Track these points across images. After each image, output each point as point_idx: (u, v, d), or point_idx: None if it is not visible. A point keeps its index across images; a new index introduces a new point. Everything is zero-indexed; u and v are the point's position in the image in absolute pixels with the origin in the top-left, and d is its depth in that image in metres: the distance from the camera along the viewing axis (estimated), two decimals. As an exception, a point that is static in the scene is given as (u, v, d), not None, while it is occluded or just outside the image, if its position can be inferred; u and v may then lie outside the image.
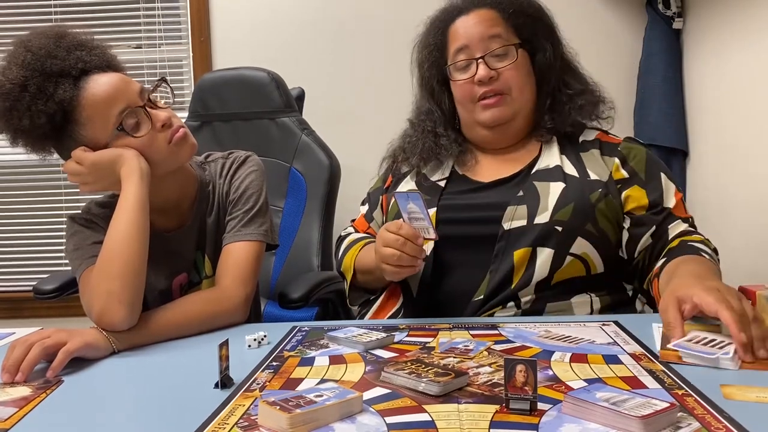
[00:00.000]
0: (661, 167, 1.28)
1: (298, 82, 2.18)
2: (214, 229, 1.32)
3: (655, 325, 1.07)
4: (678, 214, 1.24)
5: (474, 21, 1.29)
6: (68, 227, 1.26)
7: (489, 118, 1.28)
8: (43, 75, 1.12)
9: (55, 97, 1.12)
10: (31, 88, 1.12)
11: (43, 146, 1.20)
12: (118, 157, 1.16)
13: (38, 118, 1.12)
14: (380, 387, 0.84)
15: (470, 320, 1.17)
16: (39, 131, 1.15)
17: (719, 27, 2.03)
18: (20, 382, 0.94)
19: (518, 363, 0.75)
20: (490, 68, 1.26)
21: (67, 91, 1.13)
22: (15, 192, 2.64)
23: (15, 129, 1.15)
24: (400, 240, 1.10)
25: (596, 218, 1.20)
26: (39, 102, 1.12)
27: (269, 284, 2.00)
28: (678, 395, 0.77)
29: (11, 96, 1.12)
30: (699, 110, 2.18)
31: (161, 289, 1.28)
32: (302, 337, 1.09)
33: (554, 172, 1.24)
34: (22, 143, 1.18)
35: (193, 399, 0.84)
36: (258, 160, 1.37)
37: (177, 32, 2.56)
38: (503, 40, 1.27)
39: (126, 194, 1.15)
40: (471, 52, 1.28)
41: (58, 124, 1.15)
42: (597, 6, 2.42)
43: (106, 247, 1.13)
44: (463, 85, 1.30)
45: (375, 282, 1.32)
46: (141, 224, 1.14)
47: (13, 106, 1.12)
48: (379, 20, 2.45)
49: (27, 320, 2.54)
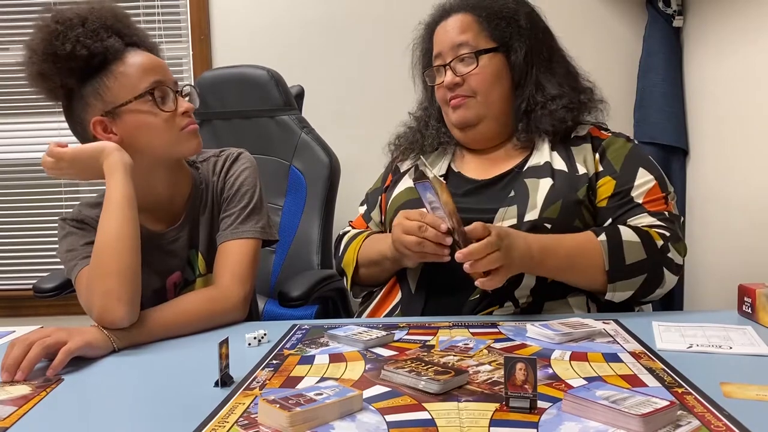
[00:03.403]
0: (643, 162, 1.26)
1: (297, 80, 2.18)
2: (208, 227, 1.32)
3: (655, 323, 1.07)
4: (650, 207, 1.21)
5: (449, 27, 1.33)
6: (60, 229, 1.25)
7: (456, 119, 1.33)
8: (103, 24, 1.18)
9: (105, 42, 1.17)
10: (88, 25, 1.17)
11: (62, 83, 1.19)
12: (100, 152, 1.16)
13: (80, 49, 1.15)
14: (380, 385, 0.84)
15: (470, 318, 1.17)
16: (72, 63, 1.16)
17: (720, 25, 2.03)
18: (20, 380, 0.94)
19: (518, 361, 0.75)
20: (455, 74, 1.30)
21: (116, 45, 1.19)
22: (15, 190, 2.64)
23: (52, 53, 1.15)
24: (423, 226, 1.12)
25: (583, 214, 1.22)
26: (89, 38, 1.16)
27: (269, 282, 2.00)
28: (678, 393, 0.78)
29: (67, 23, 1.16)
30: (699, 109, 2.18)
31: (155, 289, 1.28)
32: (302, 336, 1.09)
33: (543, 169, 1.25)
34: (46, 72, 1.17)
35: (193, 397, 0.84)
36: (250, 156, 1.37)
37: (177, 30, 2.56)
38: (470, 47, 1.30)
39: (112, 188, 1.15)
40: (443, 58, 1.33)
41: (92, 66, 1.17)
42: (597, 4, 2.42)
43: (98, 246, 1.13)
44: (438, 89, 1.36)
45: (380, 273, 1.33)
46: (131, 219, 1.14)
47: (63, 32, 1.15)
48: (379, 18, 2.45)
49: (27, 318, 2.53)
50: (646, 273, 1.16)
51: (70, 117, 1.23)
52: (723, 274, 1.97)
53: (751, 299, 1.09)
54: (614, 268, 1.14)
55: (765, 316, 1.06)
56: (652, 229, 1.18)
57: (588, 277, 1.18)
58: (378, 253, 1.29)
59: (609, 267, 1.14)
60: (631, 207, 1.22)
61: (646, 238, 1.16)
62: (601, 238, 1.15)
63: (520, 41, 1.30)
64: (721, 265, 1.99)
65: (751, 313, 1.09)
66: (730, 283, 1.19)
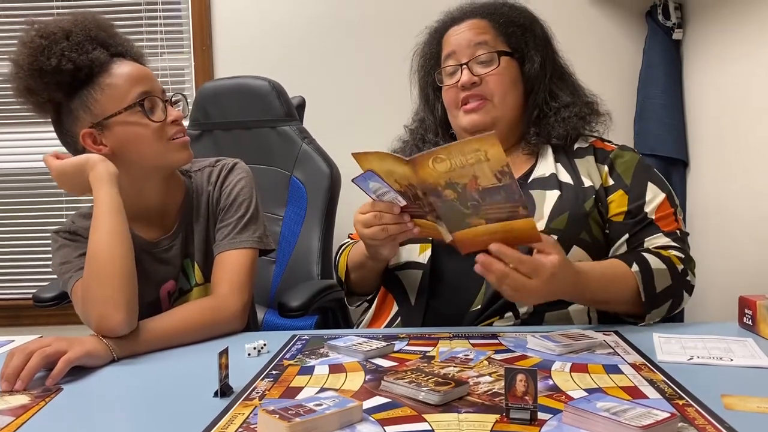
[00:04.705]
0: (651, 176, 1.26)
1: (298, 90, 2.18)
2: (203, 237, 1.32)
3: (655, 335, 1.07)
4: (663, 226, 1.21)
5: (464, 29, 1.31)
6: (53, 242, 1.25)
7: (469, 123, 1.29)
8: (88, 36, 1.18)
9: (90, 55, 1.17)
10: (73, 39, 1.16)
11: (49, 98, 1.19)
12: (84, 165, 1.16)
13: (65, 63, 1.14)
14: (380, 396, 0.84)
15: (470, 329, 1.16)
16: (58, 77, 1.15)
17: (719, 38, 2.04)
18: (19, 390, 0.94)
19: (518, 372, 0.75)
20: (473, 74, 1.27)
21: (102, 56, 1.18)
22: (15, 200, 2.64)
23: (38, 68, 1.15)
24: (377, 214, 1.10)
25: (590, 226, 1.21)
26: (74, 52, 1.15)
27: (269, 293, 2.00)
28: (679, 405, 0.77)
29: (51, 37, 1.15)
30: (699, 120, 2.18)
31: (150, 299, 1.27)
32: (302, 346, 1.09)
33: (550, 180, 1.24)
34: (33, 87, 1.17)
35: (192, 407, 0.84)
36: (246, 167, 1.37)
37: (179, 41, 2.57)
38: (489, 47, 1.28)
39: (99, 200, 1.15)
40: (458, 58, 1.30)
41: (78, 79, 1.17)
42: (597, 16, 2.43)
43: (90, 255, 1.12)
44: (448, 90, 1.32)
45: (367, 275, 1.32)
46: (120, 227, 1.14)
47: (48, 46, 1.15)
48: (379, 29, 2.46)
49: (26, 328, 2.53)
50: (672, 298, 1.16)
51: (59, 130, 1.23)
52: (724, 286, 1.96)
53: (752, 311, 1.09)
54: (649, 299, 1.14)
55: (766, 328, 1.06)
56: (669, 251, 1.18)
57: (621, 307, 1.17)
58: (361, 254, 1.28)
59: (645, 299, 1.13)
60: (645, 224, 1.21)
61: (670, 264, 1.16)
62: (634, 269, 1.14)
63: (535, 50, 1.30)
64: (722, 276, 1.99)
65: (751, 325, 1.09)
66: (730, 294, 1.19)
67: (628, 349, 1.01)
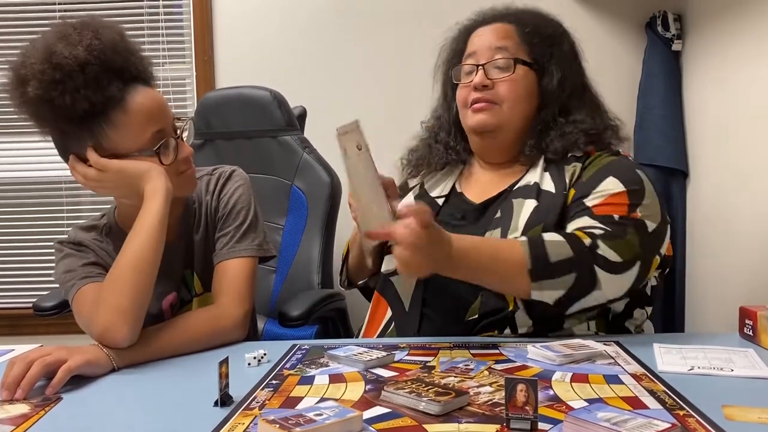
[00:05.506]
0: (619, 172, 1.19)
1: (300, 100, 2.19)
2: (203, 246, 1.31)
3: (656, 345, 1.06)
4: (599, 212, 1.14)
5: (488, 31, 1.31)
6: (57, 252, 1.25)
7: (475, 123, 1.29)
8: (103, 66, 1.12)
9: (106, 91, 1.12)
10: (89, 72, 1.10)
11: (56, 127, 1.16)
12: (145, 173, 1.15)
13: (81, 103, 1.10)
14: (380, 406, 0.83)
15: (471, 340, 1.16)
16: (71, 113, 1.11)
17: (718, 49, 2.05)
18: (19, 399, 0.93)
19: (519, 382, 0.75)
20: (487, 77, 1.27)
21: (118, 92, 1.13)
22: (15, 209, 2.65)
23: (49, 100, 1.10)
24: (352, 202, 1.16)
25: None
26: (89, 88, 1.10)
27: (269, 302, 2.00)
28: (679, 416, 0.77)
29: (66, 70, 1.09)
30: (699, 131, 2.19)
31: (151, 311, 1.26)
32: (302, 356, 1.08)
33: (530, 189, 1.22)
34: (42, 114, 1.13)
35: (192, 417, 0.84)
36: (244, 174, 1.37)
37: (180, 51, 2.58)
38: (508, 53, 1.27)
39: (149, 212, 1.14)
40: (477, 59, 1.30)
41: (92, 116, 1.13)
42: (596, 27, 2.44)
43: (121, 262, 1.12)
44: (461, 89, 1.32)
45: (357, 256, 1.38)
46: (158, 244, 1.14)
47: (62, 80, 1.09)
48: (381, 40, 2.47)
49: (27, 337, 2.52)
50: (575, 272, 1.09)
51: (61, 150, 1.21)
52: (724, 297, 1.96)
53: (753, 322, 1.09)
54: (537, 267, 1.09)
55: (766, 338, 1.06)
56: (585, 230, 1.12)
57: (511, 279, 1.11)
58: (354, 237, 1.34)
59: (531, 265, 1.09)
60: (577, 212, 1.17)
61: (571, 237, 1.11)
62: (521, 239, 1.12)
63: (557, 66, 1.29)
64: (722, 287, 1.99)
65: (752, 335, 1.09)
66: (731, 305, 1.19)
67: (629, 359, 1.01)
